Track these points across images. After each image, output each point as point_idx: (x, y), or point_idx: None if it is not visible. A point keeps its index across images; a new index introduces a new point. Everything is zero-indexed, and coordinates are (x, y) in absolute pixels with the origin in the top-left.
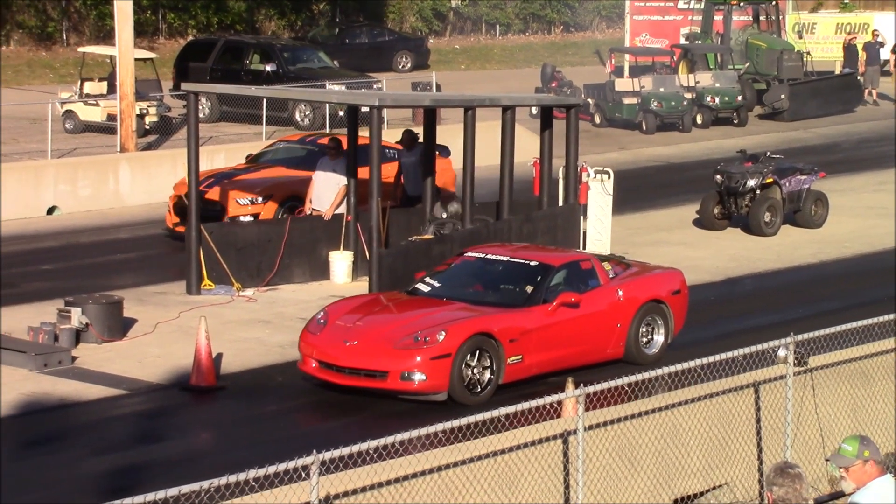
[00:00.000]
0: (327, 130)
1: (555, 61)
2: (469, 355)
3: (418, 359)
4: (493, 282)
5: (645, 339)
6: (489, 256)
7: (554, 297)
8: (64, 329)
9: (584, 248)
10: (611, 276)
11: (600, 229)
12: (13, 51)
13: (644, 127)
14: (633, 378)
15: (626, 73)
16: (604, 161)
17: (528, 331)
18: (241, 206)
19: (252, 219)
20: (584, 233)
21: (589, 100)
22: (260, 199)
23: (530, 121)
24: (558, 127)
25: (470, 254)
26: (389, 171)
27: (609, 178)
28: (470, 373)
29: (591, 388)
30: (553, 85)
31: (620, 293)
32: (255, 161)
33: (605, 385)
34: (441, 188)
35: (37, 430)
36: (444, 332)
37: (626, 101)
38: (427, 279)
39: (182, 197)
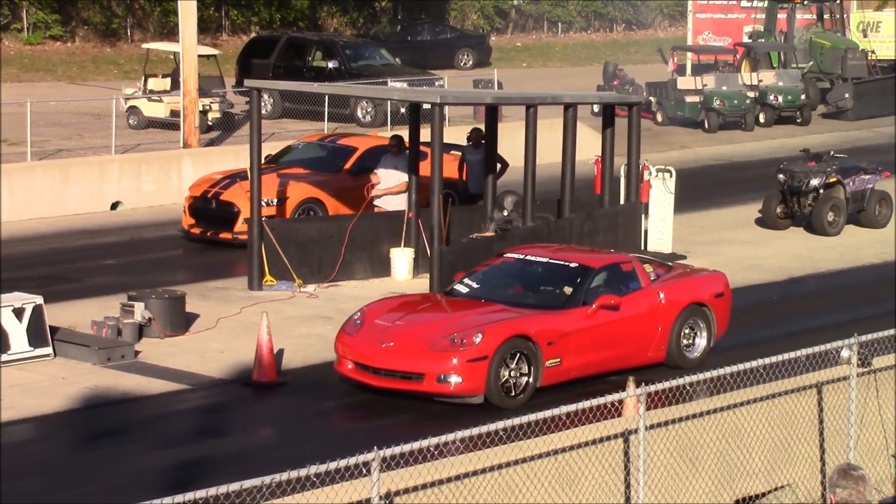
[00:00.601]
0: (389, 128)
1: (617, 59)
2: (506, 358)
3: (454, 361)
4: (532, 283)
5: (687, 343)
6: (528, 258)
7: (594, 300)
8: (127, 323)
9: (645, 247)
10: (652, 278)
11: (662, 228)
12: (78, 47)
13: (706, 125)
14: (694, 377)
15: (689, 71)
16: (665, 159)
17: (567, 333)
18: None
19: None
20: (646, 231)
21: (651, 98)
22: (275, 200)
23: (592, 119)
24: (620, 125)
25: (509, 255)
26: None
27: (671, 176)
28: (507, 376)
29: (652, 387)
30: (615, 83)
31: (662, 296)
32: (274, 161)
33: (666, 384)
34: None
35: (100, 423)
36: (480, 335)
37: (689, 99)
38: (465, 280)
39: (196, 198)
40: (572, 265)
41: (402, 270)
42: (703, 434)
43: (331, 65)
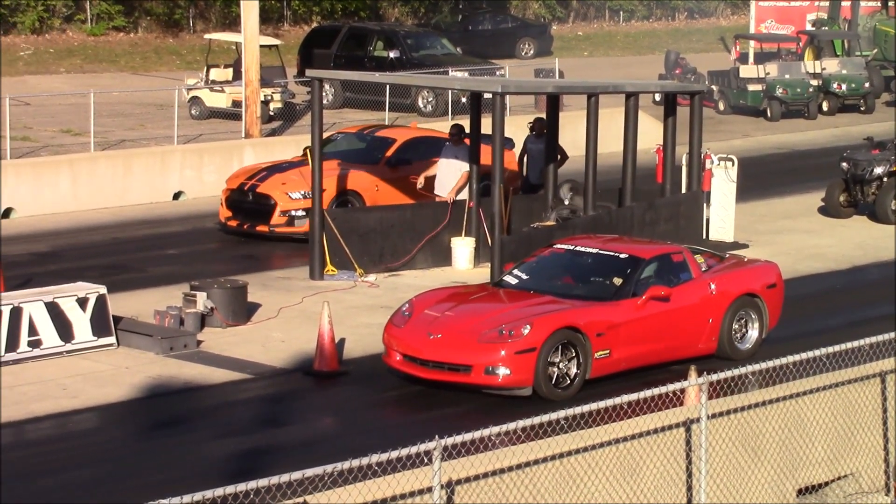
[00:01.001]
0: (449, 118)
1: (679, 48)
2: (555, 350)
3: (503, 353)
4: (582, 274)
5: (738, 334)
6: (578, 248)
7: (644, 291)
8: (189, 313)
9: (706, 237)
10: (703, 269)
11: (723, 217)
12: (141, 38)
13: (769, 114)
14: (757, 367)
15: (751, 59)
16: (727, 148)
17: (617, 325)
18: (293, 201)
19: (304, 214)
20: (707, 220)
21: (713, 86)
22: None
23: (654, 108)
24: (682, 114)
25: (559, 245)
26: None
27: (733, 165)
28: (556, 368)
29: (714, 376)
30: (677, 71)
31: (713, 287)
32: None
33: (729, 373)
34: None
35: (162, 412)
36: (529, 326)
37: (751, 87)
38: (515, 271)
39: (233, 191)
40: (622, 256)
41: (463, 260)
42: (765, 423)
43: (392, 54)
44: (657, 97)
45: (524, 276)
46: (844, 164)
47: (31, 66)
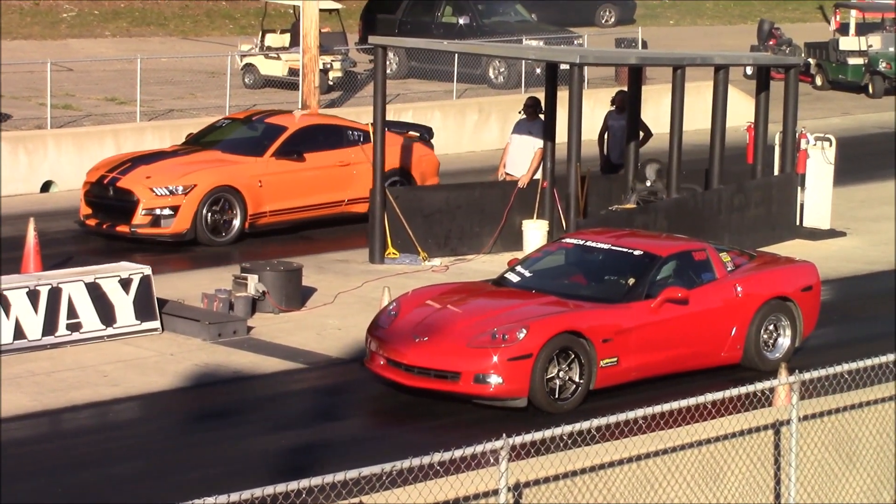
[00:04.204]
0: (522, 90)
1: (773, 17)
2: (553, 357)
3: (494, 359)
4: (591, 272)
5: (767, 342)
6: (588, 244)
7: (658, 292)
8: (240, 297)
9: (800, 223)
10: (729, 269)
11: (819, 201)
12: (192, 1)
13: (870, 90)
14: (853, 365)
15: (853, 30)
16: (825, 127)
17: (626, 330)
18: (158, 198)
19: (171, 212)
20: (802, 205)
21: (810, 60)
22: (181, 188)
23: (745, 82)
24: (775, 89)
25: (568, 240)
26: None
27: (830, 145)
28: (555, 377)
29: (807, 375)
30: (771, 43)
31: (739, 289)
32: (195, 142)
33: (822, 372)
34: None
35: (209, 402)
36: (524, 330)
37: (852, 61)
38: (518, 267)
39: (92, 184)
40: (636, 253)
41: (535, 244)
42: (860, 427)
43: (461, 21)
44: (749, 70)
45: (527, 274)
46: None
47: (74, 30)
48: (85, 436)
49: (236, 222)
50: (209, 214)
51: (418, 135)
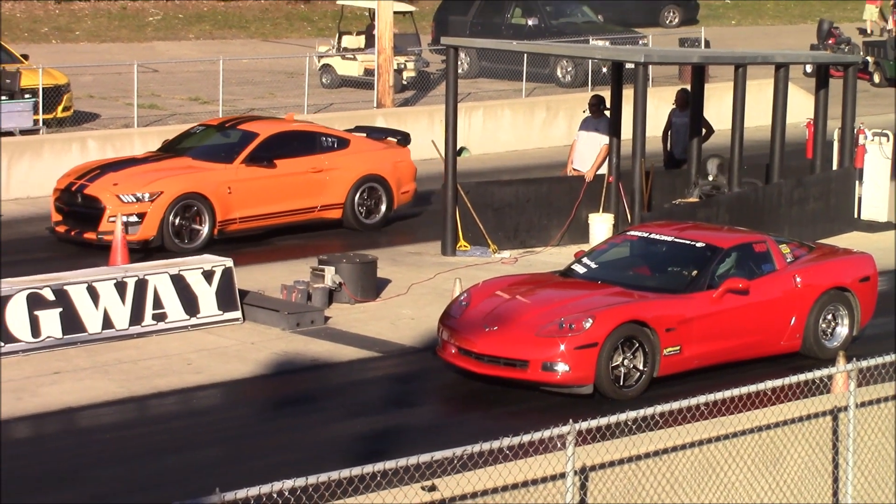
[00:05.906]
0: (589, 88)
1: (832, 17)
2: (618, 345)
3: (562, 347)
4: (655, 264)
5: (825, 331)
6: (652, 236)
7: (720, 283)
8: (317, 288)
9: (858, 216)
10: (788, 260)
11: (877, 195)
12: (272, 3)
13: None
14: None
15: None
16: (883, 123)
17: (689, 319)
18: (125, 205)
19: (138, 219)
20: (859, 198)
21: (868, 58)
22: (147, 195)
23: (804, 80)
24: (835, 86)
25: (632, 232)
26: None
27: (888, 140)
28: (620, 365)
29: (864, 363)
30: (830, 42)
31: (798, 279)
32: (169, 149)
33: (879, 360)
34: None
35: (288, 389)
36: (591, 320)
37: None
38: (584, 259)
39: (62, 191)
40: (698, 245)
41: (601, 237)
42: None
43: (530, 22)
44: (808, 69)
45: (593, 265)
46: None
47: (159, 32)
48: (171, 422)
49: (204, 228)
50: (176, 220)
51: (396, 140)
